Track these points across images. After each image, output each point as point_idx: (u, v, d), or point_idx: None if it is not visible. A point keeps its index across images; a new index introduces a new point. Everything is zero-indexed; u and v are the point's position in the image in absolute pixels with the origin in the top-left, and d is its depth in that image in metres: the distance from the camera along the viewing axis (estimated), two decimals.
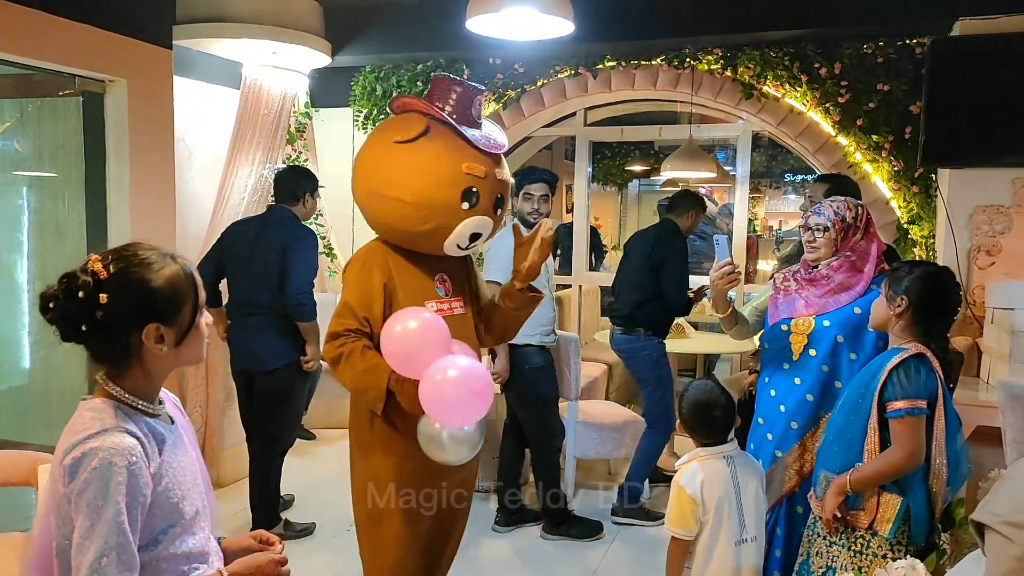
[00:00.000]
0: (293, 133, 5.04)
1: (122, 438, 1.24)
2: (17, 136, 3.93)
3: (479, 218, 2.14)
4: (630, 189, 11.08)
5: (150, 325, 1.30)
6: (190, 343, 1.37)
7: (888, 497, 1.95)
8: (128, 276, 1.29)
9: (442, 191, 2.09)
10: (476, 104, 2.15)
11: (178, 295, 1.33)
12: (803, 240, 2.37)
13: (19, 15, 3.02)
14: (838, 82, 4.21)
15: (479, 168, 2.10)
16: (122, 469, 1.22)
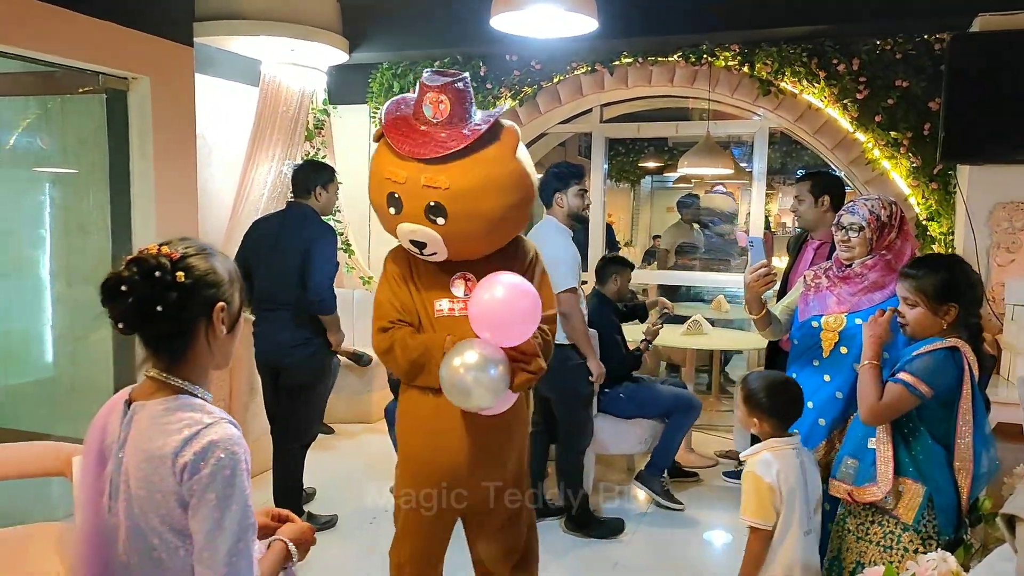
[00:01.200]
0: (311, 130, 5.07)
1: (231, 428, 1.29)
2: (40, 133, 3.98)
3: (407, 225, 2.08)
4: (643, 186, 11.07)
5: (219, 304, 1.34)
6: (235, 332, 1.42)
7: (911, 484, 1.98)
8: (196, 259, 1.33)
9: (374, 195, 2.14)
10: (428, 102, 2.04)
11: (234, 280, 1.39)
12: (836, 240, 2.35)
13: (44, 12, 3.06)
14: (856, 78, 4.20)
15: (397, 173, 2.04)
16: (242, 457, 1.26)
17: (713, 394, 5.75)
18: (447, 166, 1.99)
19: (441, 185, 2.00)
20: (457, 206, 2.01)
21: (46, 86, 3.82)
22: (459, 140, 2.00)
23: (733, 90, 4.53)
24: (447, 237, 2.05)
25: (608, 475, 4.34)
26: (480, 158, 2.03)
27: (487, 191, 2.03)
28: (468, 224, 2.05)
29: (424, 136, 2.03)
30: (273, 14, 4.29)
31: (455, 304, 2.14)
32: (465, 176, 2.01)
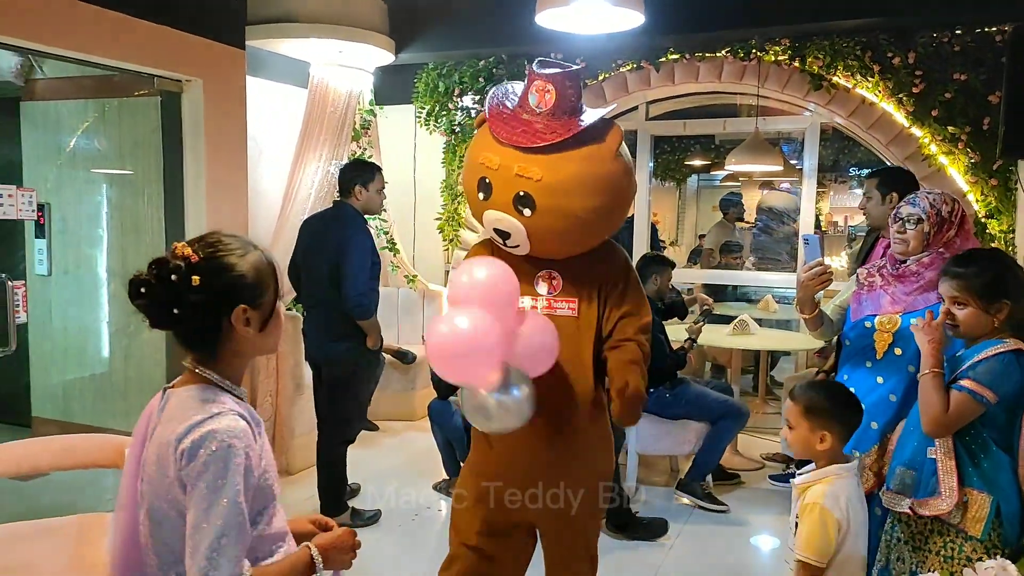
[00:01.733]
0: (358, 130, 5.13)
1: (237, 421, 1.28)
2: (98, 135, 4.11)
3: (494, 212, 2.04)
4: (688, 184, 10.92)
5: (239, 307, 1.33)
6: (272, 329, 1.40)
7: (976, 495, 1.89)
8: (217, 260, 1.33)
9: (467, 178, 2.12)
10: (535, 90, 1.98)
11: (262, 280, 1.37)
12: (892, 231, 2.27)
13: (102, 17, 3.15)
14: (912, 72, 4.09)
15: (491, 158, 2.00)
16: (240, 451, 1.25)
17: (760, 396, 5.64)
18: (543, 157, 1.95)
19: (533, 176, 1.95)
20: (546, 200, 1.96)
21: (103, 89, 3.94)
22: (559, 132, 1.94)
23: (783, 85, 4.44)
24: (531, 230, 2.00)
25: (650, 476, 4.30)
26: (578, 154, 1.96)
27: (579, 189, 1.97)
28: (555, 220, 1.99)
29: (525, 125, 1.99)
30: (322, 17, 4.35)
31: (537, 301, 2.09)
32: (559, 170, 1.95)
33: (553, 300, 2.09)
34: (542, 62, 2.01)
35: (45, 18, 2.94)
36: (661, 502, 3.97)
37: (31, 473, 2.35)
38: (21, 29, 2.87)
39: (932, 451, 1.94)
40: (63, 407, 4.18)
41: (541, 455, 2.06)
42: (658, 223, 8.97)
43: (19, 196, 3.07)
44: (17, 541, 2.26)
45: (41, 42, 2.99)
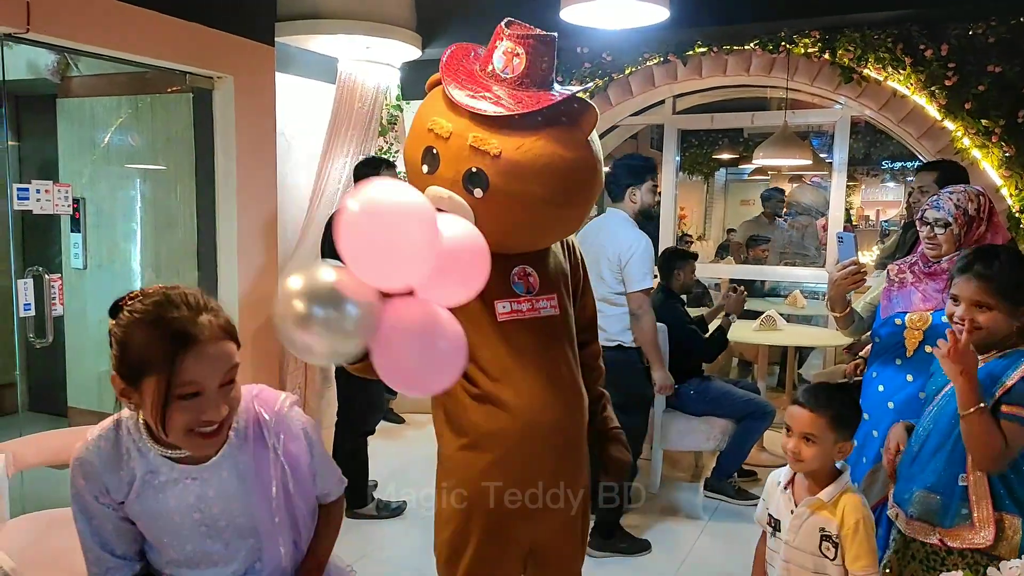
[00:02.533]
0: (385, 125, 5.17)
1: (75, 472, 1.36)
2: (131, 131, 4.19)
3: (438, 189, 1.69)
4: (716, 178, 10.84)
5: (113, 373, 1.27)
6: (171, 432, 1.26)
7: (1011, 520, 1.74)
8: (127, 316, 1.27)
9: (410, 147, 1.80)
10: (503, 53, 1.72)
11: (142, 362, 1.22)
12: (921, 236, 2.25)
13: (135, 15, 3.21)
14: (945, 64, 4.02)
15: (441, 124, 1.69)
16: (74, 495, 1.37)
17: (786, 393, 5.60)
18: (504, 130, 1.64)
19: (491, 150, 1.64)
20: (502, 180, 1.65)
21: (137, 86, 4.02)
22: (527, 103, 1.64)
23: (813, 78, 4.39)
24: (480, 215, 1.67)
25: (674, 472, 4.29)
26: (546, 133, 1.66)
27: (543, 172, 1.66)
28: (509, 205, 1.68)
29: (485, 89, 1.69)
30: (350, 13, 4.38)
31: (521, 304, 1.80)
32: (523, 147, 1.64)
33: (536, 301, 1.82)
34: (511, 21, 1.76)
35: (82, 17, 3.01)
36: (685, 497, 3.96)
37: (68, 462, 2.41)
38: (58, 28, 2.94)
39: (964, 478, 1.78)
40: (98, 397, 4.28)
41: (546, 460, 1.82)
42: (684, 217, 8.93)
43: (56, 191, 3.14)
44: (56, 527, 2.33)
45: (77, 40, 3.05)
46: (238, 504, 1.37)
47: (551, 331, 1.82)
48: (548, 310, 1.83)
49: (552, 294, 1.85)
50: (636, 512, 3.72)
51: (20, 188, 3.01)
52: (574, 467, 1.88)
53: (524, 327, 1.79)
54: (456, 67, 1.77)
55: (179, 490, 1.34)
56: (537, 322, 1.80)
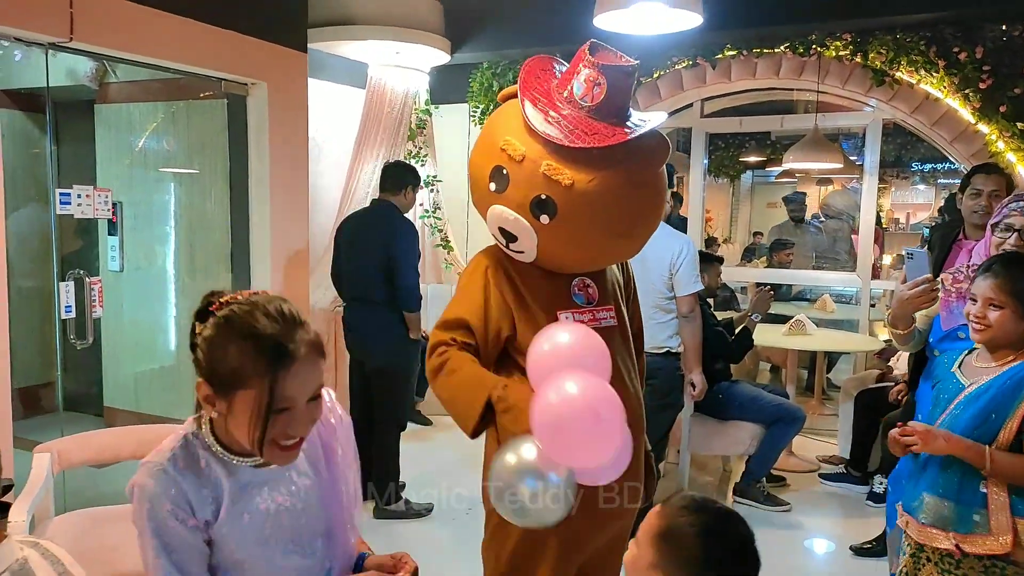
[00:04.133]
0: (413, 130, 5.21)
1: (152, 488, 1.19)
2: (166, 136, 4.27)
3: (500, 208, 1.72)
4: (742, 180, 10.77)
5: (200, 379, 1.21)
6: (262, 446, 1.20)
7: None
8: (220, 321, 1.19)
9: (477, 159, 1.79)
10: (584, 80, 1.68)
11: (238, 373, 1.17)
12: (1003, 242, 2.13)
13: (171, 23, 3.28)
14: (979, 67, 3.97)
15: (515, 145, 1.68)
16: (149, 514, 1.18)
17: (815, 397, 5.55)
18: (578, 162, 1.65)
19: (563, 180, 1.64)
20: (571, 210, 1.67)
21: (172, 92, 4.09)
22: (603, 137, 1.64)
23: (844, 81, 4.36)
24: (544, 240, 1.71)
25: (702, 476, 4.28)
26: (619, 167, 1.67)
27: (612, 206, 1.68)
28: (574, 234, 1.71)
29: (562, 115, 1.68)
30: (380, 19, 4.44)
31: (583, 315, 1.81)
32: (595, 180, 1.65)
33: (596, 312, 1.85)
34: (595, 46, 1.71)
35: (122, 26, 3.08)
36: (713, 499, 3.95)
37: (112, 461, 2.47)
38: (100, 37, 3.01)
39: (985, 485, 1.77)
40: (134, 398, 4.36)
41: None
42: (711, 220, 8.88)
43: (96, 196, 3.22)
44: (97, 525, 2.39)
45: (118, 48, 3.13)
46: (315, 502, 1.33)
47: (611, 341, 1.80)
48: (608, 321, 1.86)
49: (610, 305, 1.88)
50: None
51: (62, 193, 3.09)
52: (635, 476, 1.88)
53: None
54: (533, 84, 1.75)
55: (266, 495, 1.27)
56: (599, 333, 1.78)
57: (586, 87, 1.67)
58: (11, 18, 2.71)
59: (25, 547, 1.13)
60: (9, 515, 2.07)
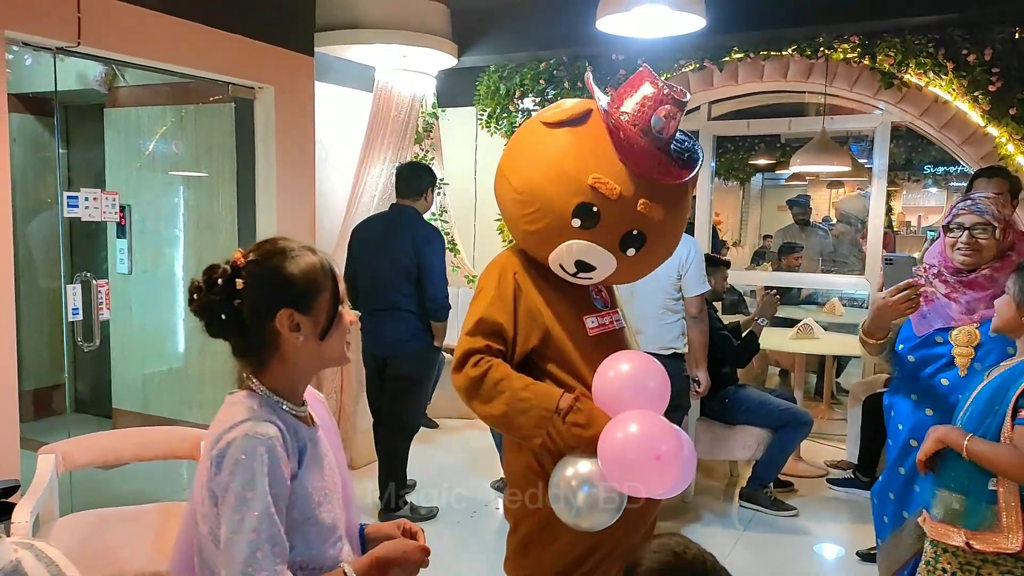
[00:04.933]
0: (420, 133, 5.22)
1: (265, 427, 1.20)
2: (175, 139, 4.30)
3: (591, 246, 1.72)
4: (752, 183, 10.72)
5: (283, 311, 1.25)
6: (333, 338, 1.31)
7: None
8: (263, 262, 1.26)
9: (553, 192, 1.73)
10: (663, 114, 1.68)
11: (314, 283, 1.28)
12: (952, 242, 2.12)
13: (180, 28, 3.30)
14: (989, 69, 3.94)
15: (610, 185, 1.66)
16: (265, 458, 1.17)
17: (824, 402, 5.52)
18: (663, 194, 1.69)
19: (656, 216, 1.69)
20: (656, 242, 1.75)
21: (181, 96, 4.12)
22: (679, 169, 1.70)
23: (852, 84, 4.33)
24: (621, 269, 1.77)
25: (708, 481, 4.26)
26: (685, 196, 1.79)
27: (677, 233, 1.82)
28: (650, 263, 1.81)
29: (649, 150, 1.68)
30: (387, 22, 4.45)
31: (604, 318, 1.89)
32: (676, 212, 1.74)
33: (612, 314, 1.94)
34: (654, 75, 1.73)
35: (129, 30, 3.10)
36: (719, 506, 3.93)
37: (114, 463, 2.49)
38: (107, 41, 3.03)
39: (995, 483, 1.78)
40: (142, 400, 4.39)
41: None
42: (720, 223, 8.84)
43: (103, 199, 3.24)
44: (103, 526, 2.40)
45: (125, 52, 3.15)
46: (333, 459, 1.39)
47: (623, 343, 1.91)
48: (618, 324, 1.94)
49: (616, 308, 1.97)
50: (670, 520, 3.70)
51: (70, 196, 3.11)
52: None
53: (608, 339, 1.88)
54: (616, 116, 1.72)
55: (321, 453, 1.33)
56: (614, 334, 1.89)
57: (665, 121, 1.68)
58: (19, 23, 2.74)
59: (20, 549, 1.14)
60: (13, 516, 2.10)
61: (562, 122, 1.74)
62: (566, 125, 1.74)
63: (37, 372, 4.41)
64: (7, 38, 2.74)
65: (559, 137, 1.75)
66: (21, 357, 2.85)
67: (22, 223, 4.23)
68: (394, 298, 3.51)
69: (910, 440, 2.22)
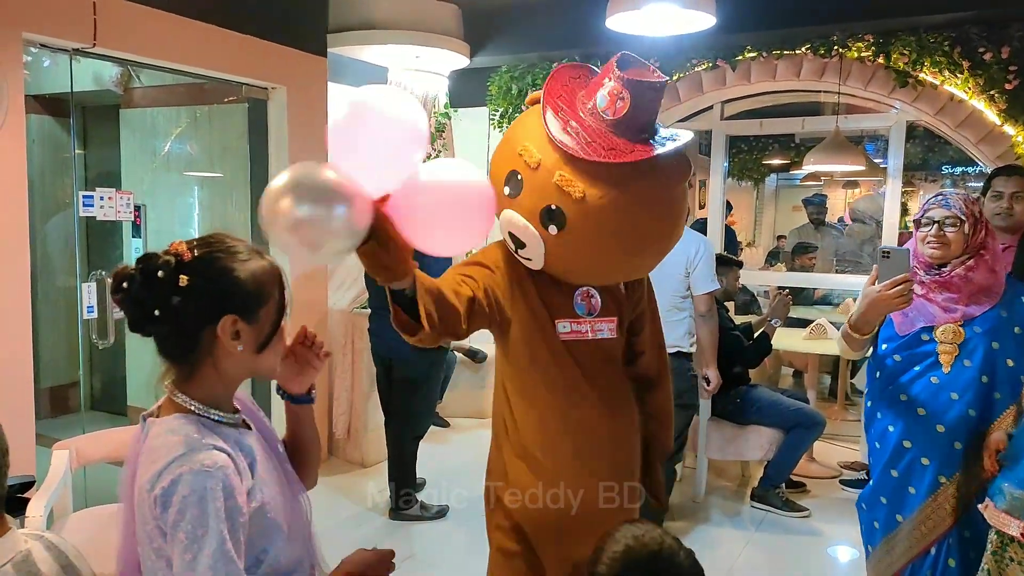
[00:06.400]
0: (433, 133, 5.24)
1: (212, 456, 1.11)
2: (189, 140, 4.34)
3: (511, 214, 1.70)
4: (767, 183, 10.67)
5: (227, 316, 1.16)
6: (271, 350, 1.23)
7: None
8: (212, 261, 1.17)
9: (497, 163, 1.78)
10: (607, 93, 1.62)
11: (262, 291, 1.19)
12: (923, 236, 2.14)
13: (195, 30, 3.33)
14: (1005, 67, 3.90)
15: (531, 151, 1.65)
16: (218, 493, 1.08)
17: (838, 403, 5.48)
18: (593, 172, 1.60)
19: (574, 192, 1.60)
20: (580, 223, 1.63)
21: (195, 97, 4.16)
22: (620, 152, 1.59)
23: (866, 82, 4.30)
24: (551, 250, 1.69)
25: (720, 481, 4.24)
26: (634, 186, 1.63)
27: (624, 225, 1.65)
28: (581, 248, 1.69)
29: (581, 125, 1.64)
30: (400, 23, 4.46)
31: (581, 325, 1.81)
32: (607, 196, 1.60)
33: (594, 323, 1.83)
34: (626, 58, 1.64)
35: (144, 31, 3.14)
36: (731, 506, 3.91)
37: None
38: (123, 42, 3.07)
39: None
40: (156, 397, 4.42)
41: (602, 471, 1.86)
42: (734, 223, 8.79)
43: (118, 198, 3.28)
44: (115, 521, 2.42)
45: (140, 53, 3.19)
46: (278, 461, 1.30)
47: (602, 356, 1.84)
48: (606, 333, 1.84)
49: (612, 318, 1.86)
50: (680, 520, 3.69)
51: (85, 195, 3.15)
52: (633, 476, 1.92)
53: (587, 348, 1.82)
54: (559, 91, 1.71)
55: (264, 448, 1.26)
56: (592, 345, 1.82)
57: (609, 100, 1.62)
58: (37, 24, 2.77)
59: (30, 540, 1.15)
60: (27, 510, 2.12)
61: (531, 101, 1.77)
62: (532, 104, 1.77)
63: (53, 370, 4.46)
64: (25, 39, 2.78)
65: (523, 114, 1.80)
66: (37, 355, 2.89)
67: (39, 222, 4.28)
68: None
69: (903, 441, 2.21)
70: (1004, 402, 2.09)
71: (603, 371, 1.84)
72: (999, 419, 2.09)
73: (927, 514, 2.18)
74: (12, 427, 1.34)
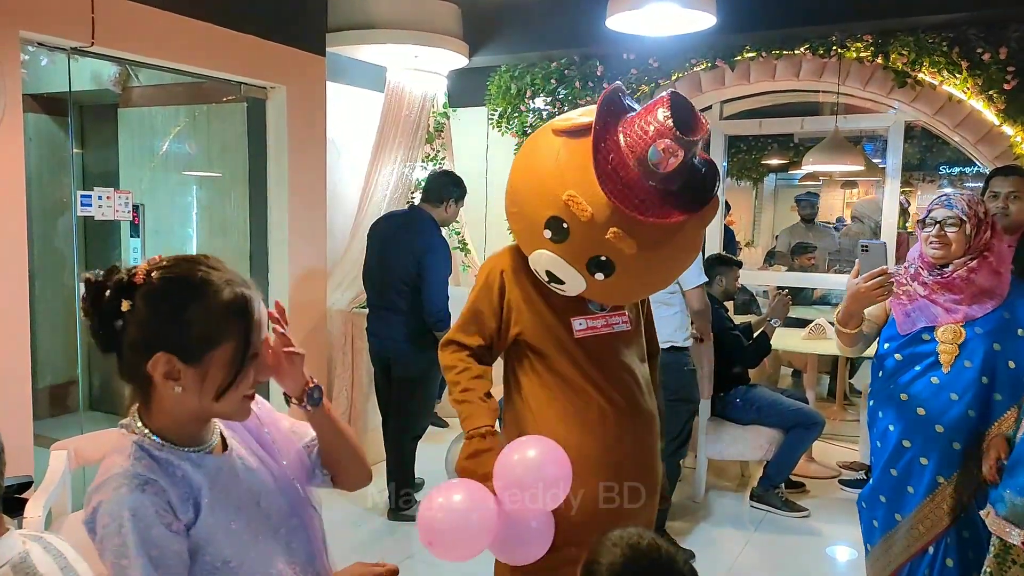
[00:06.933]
0: (432, 133, 5.23)
1: (129, 495, 1.05)
2: (188, 139, 4.33)
3: (558, 259, 1.70)
4: (766, 184, 10.67)
5: (161, 355, 1.06)
6: (230, 398, 1.12)
7: None
8: (162, 289, 1.07)
9: (531, 197, 1.75)
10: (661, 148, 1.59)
11: (211, 333, 1.08)
12: (925, 236, 2.16)
13: (193, 29, 3.32)
14: (1004, 67, 3.90)
15: (582, 204, 1.62)
16: (131, 524, 1.03)
17: (837, 403, 5.48)
18: (644, 232, 1.62)
19: (626, 249, 1.63)
20: (628, 271, 1.68)
21: (194, 96, 4.15)
22: (674, 212, 1.62)
23: (865, 83, 4.30)
24: (592, 291, 1.76)
25: (720, 481, 4.24)
26: (682, 233, 1.69)
27: (664, 270, 1.79)
28: (624, 290, 1.79)
29: (637, 182, 1.61)
30: (399, 23, 4.46)
31: (596, 321, 1.87)
32: (656, 250, 1.66)
33: (609, 317, 1.90)
34: (676, 98, 1.62)
35: (143, 30, 3.13)
36: (730, 506, 3.91)
37: None
38: (121, 41, 3.06)
39: None
40: None
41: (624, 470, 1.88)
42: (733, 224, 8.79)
43: (116, 198, 3.27)
44: None
45: (139, 52, 3.18)
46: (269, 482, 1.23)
47: (626, 347, 1.91)
48: (621, 325, 1.91)
49: (623, 310, 1.93)
50: (680, 519, 3.69)
51: (83, 195, 3.14)
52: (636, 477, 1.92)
53: (603, 342, 1.88)
54: (608, 135, 1.65)
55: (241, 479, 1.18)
56: (608, 339, 1.88)
57: (663, 156, 1.59)
58: (34, 23, 2.76)
59: (28, 540, 1.15)
60: (25, 511, 2.11)
61: (564, 131, 1.71)
62: (566, 135, 1.70)
63: (51, 369, 4.45)
64: (22, 38, 2.77)
65: (555, 145, 1.72)
66: (35, 354, 2.88)
67: (37, 222, 4.27)
68: (392, 298, 3.54)
69: (903, 441, 2.22)
70: (1004, 403, 2.10)
71: (623, 365, 1.89)
72: (999, 420, 2.10)
73: (925, 513, 2.19)
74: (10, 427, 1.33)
